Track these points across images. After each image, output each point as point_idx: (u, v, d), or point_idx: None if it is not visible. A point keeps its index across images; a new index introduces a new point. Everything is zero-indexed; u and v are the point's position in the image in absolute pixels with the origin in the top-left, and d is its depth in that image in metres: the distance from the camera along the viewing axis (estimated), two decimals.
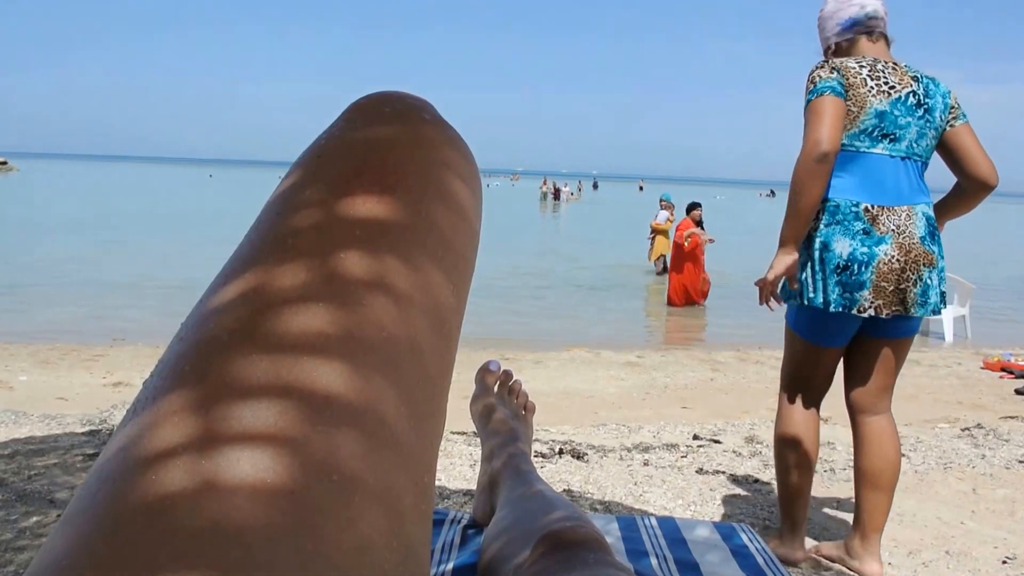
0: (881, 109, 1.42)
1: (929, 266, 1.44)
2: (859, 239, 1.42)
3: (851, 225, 1.43)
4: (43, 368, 3.81)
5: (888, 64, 1.46)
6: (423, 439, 0.22)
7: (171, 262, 8.33)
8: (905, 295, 1.43)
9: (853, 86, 1.42)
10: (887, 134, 1.43)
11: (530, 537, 0.53)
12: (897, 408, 1.86)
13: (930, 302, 1.45)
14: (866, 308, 1.43)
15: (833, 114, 1.39)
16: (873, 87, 1.42)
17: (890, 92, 1.43)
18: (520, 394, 0.90)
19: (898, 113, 1.43)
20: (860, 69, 1.43)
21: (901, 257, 1.42)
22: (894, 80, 1.44)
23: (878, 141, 1.43)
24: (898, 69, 1.46)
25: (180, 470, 0.17)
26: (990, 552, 1.69)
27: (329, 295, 0.22)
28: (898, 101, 1.43)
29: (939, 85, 1.48)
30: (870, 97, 1.42)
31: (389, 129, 0.27)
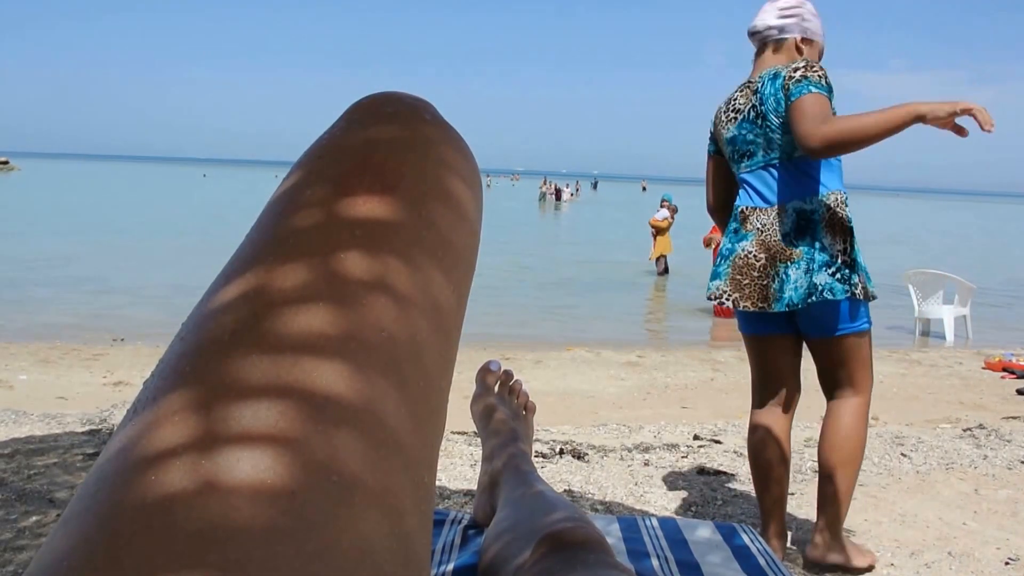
0: (730, 136, 1.58)
1: (786, 261, 1.49)
2: (730, 236, 1.59)
3: (731, 225, 1.60)
4: (43, 367, 3.81)
5: (744, 86, 1.58)
6: (423, 439, 0.22)
7: (171, 262, 8.34)
8: (767, 291, 1.51)
9: (717, 127, 1.63)
10: (743, 153, 1.56)
11: (531, 538, 0.53)
12: (898, 408, 1.85)
13: (784, 297, 1.48)
14: (718, 297, 1.56)
15: (707, 175, 1.67)
16: (724, 120, 1.59)
17: (736, 117, 1.56)
18: (520, 394, 0.90)
19: (745, 131, 1.55)
20: (723, 107, 1.61)
21: (761, 254, 1.51)
22: (741, 103, 1.56)
23: (740, 162, 1.58)
24: (747, 88, 1.56)
25: (180, 470, 0.17)
26: (992, 553, 1.69)
27: (329, 295, 0.22)
28: (744, 122, 1.55)
29: (776, 78, 1.49)
30: (721, 129, 1.61)
31: (389, 129, 0.27)
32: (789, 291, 1.47)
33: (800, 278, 1.46)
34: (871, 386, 1.55)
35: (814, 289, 1.45)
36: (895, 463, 2.35)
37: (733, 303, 1.53)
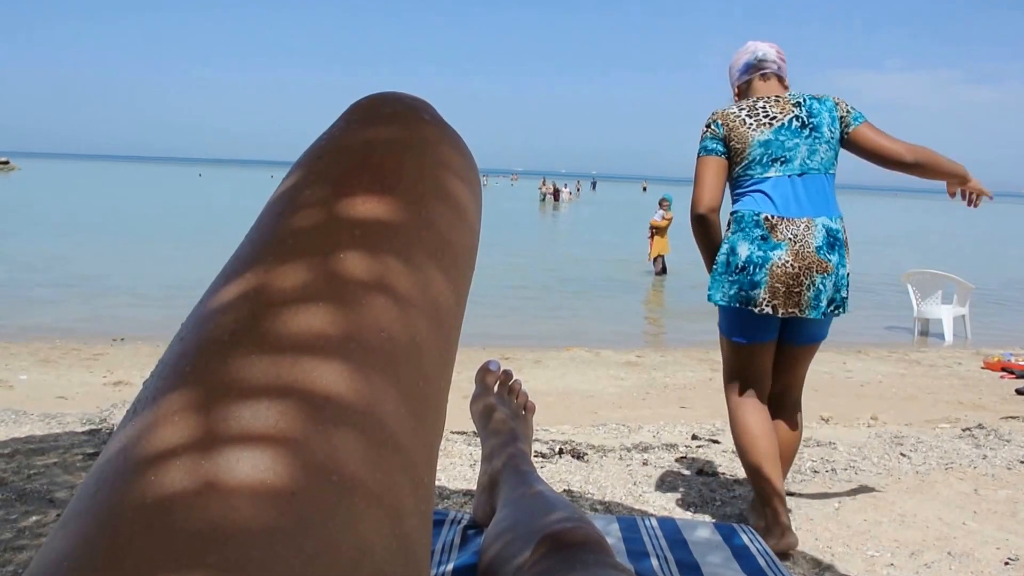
0: (764, 139, 1.63)
1: (823, 273, 1.60)
2: (757, 243, 1.61)
3: (751, 232, 1.62)
4: (43, 367, 3.81)
5: (771, 98, 1.68)
6: (423, 439, 0.22)
7: (171, 261, 8.34)
8: (799, 298, 1.60)
9: (734, 129, 1.65)
10: (776, 158, 1.63)
11: (530, 538, 0.53)
12: (897, 408, 1.86)
13: (821, 306, 1.61)
14: (761, 305, 1.61)
15: (709, 175, 1.65)
16: (753, 123, 1.64)
17: (771, 123, 1.64)
18: (520, 394, 0.90)
19: (783, 138, 1.63)
20: (740, 112, 1.66)
21: (796, 263, 1.59)
22: (775, 111, 1.65)
23: (769, 166, 1.63)
24: (781, 100, 1.67)
25: (180, 471, 0.17)
26: (992, 553, 1.69)
27: (329, 295, 0.22)
28: (782, 128, 1.63)
29: (824, 101, 1.67)
30: (751, 132, 1.63)
31: (389, 129, 0.27)
32: (824, 300, 1.61)
33: (831, 290, 1.62)
34: None
35: (840, 301, 1.64)
36: (894, 463, 2.35)
37: (772, 309, 1.60)
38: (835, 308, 1.63)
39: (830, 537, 1.76)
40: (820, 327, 1.67)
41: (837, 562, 1.61)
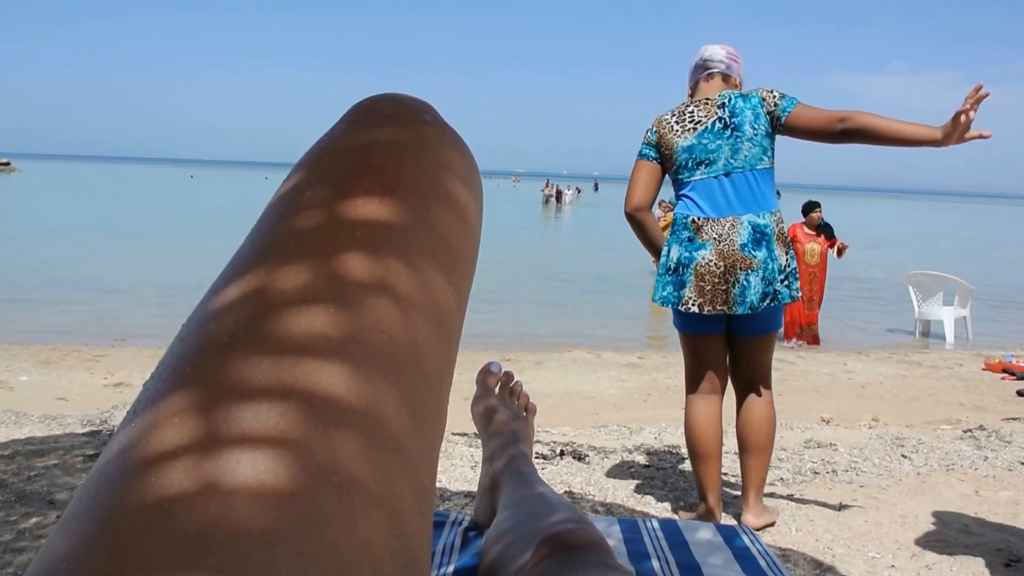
0: (687, 144, 1.72)
1: (747, 269, 1.67)
2: (684, 245, 1.71)
3: (680, 234, 1.73)
4: (44, 368, 3.81)
5: (701, 102, 1.74)
6: (424, 441, 0.22)
7: (172, 263, 8.34)
8: (727, 295, 1.69)
9: (664, 136, 1.76)
10: (701, 161, 1.71)
11: (531, 539, 0.53)
12: (898, 410, 1.86)
13: (748, 300, 1.68)
14: (687, 304, 1.71)
15: (639, 177, 1.77)
16: (679, 129, 1.74)
17: (695, 127, 1.72)
18: (521, 395, 0.90)
19: (706, 141, 1.71)
20: (670, 119, 1.76)
21: (720, 262, 1.68)
22: (701, 115, 1.73)
23: (695, 169, 1.72)
24: (709, 103, 1.74)
25: (181, 472, 0.17)
26: (994, 555, 1.68)
27: (330, 297, 0.22)
28: (705, 131, 1.71)
29: (749, 98, 1.72)
30: (676, 139, 1.73)
31: (390, 131, 0.27)
32: (751, 296, 1.67)
33: (758, 284, 1.67)
34: None
35: (771, 294, 1.68)
36: (895, 464, 2.35)
37: (699, 307, 1.69)
38: (770, 300, 1.67)
39: (831, 538, 1.76)
40: (764, 320, 1.73)
41: (838, 563, 1.61)
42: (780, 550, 1.66)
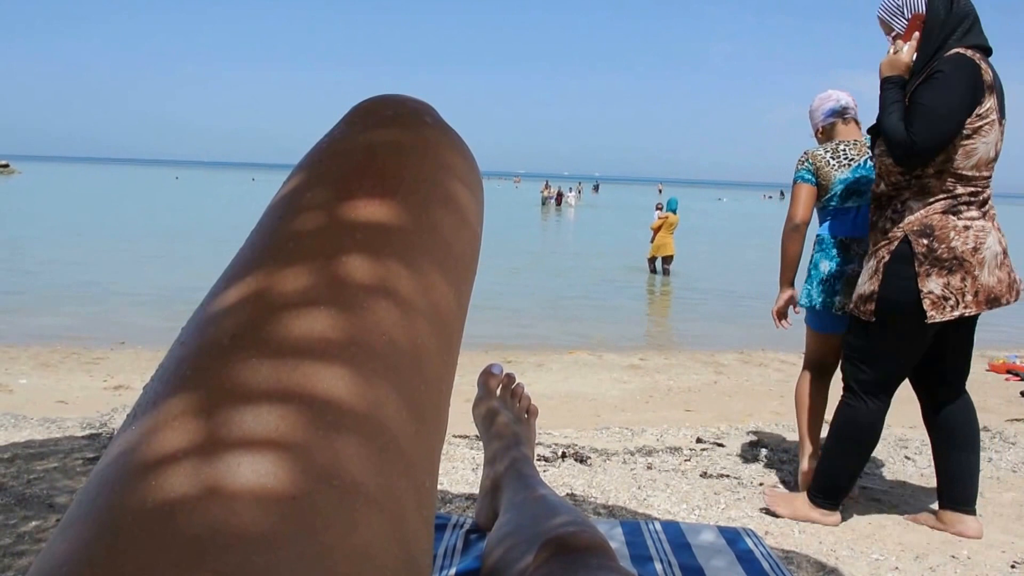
0: (843, 178, 2.05)
1: None
2: (835, 259, 2.06)
3: (830, 251, 2.07)
4: (43, 371, 3.82)
5: (851, 142, 2.07)
6: (425, 443, 0.22)
7: (172, 265, 8.36)
8: None
9: (820, 168, 2.06)
10: (853, 191, 2.04)
11: (533, 542, 0.53)
12: (901, 411, 1.86)
13: None
14: (839, 308, 2.03)
15: (802, 197, 2.06)
16: (835, 164, 2.05)
17: (850, 164, 2.05)
18: (522, 397, 0.89)
19: (859, 176, 2.03)
20: (824, 154, 2.07)
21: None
22: (853, 154, 2.06)
23: (847, 199, 2.05)
24: (858, 144, 2.07)
25: (181, 475, 0.17)
26: (998, 556, 1.68)
27: (331, 299, 0.22)
28: (859, 168, 2.04)
29: None
30: (833, 172, 2.05)
31: (390, 133, 0.27)
32: None
33: None
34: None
35: None
36: (899, 466, 2.34)
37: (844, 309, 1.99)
38: None
39: (834, 540, 1.75)
40: None
41: (841, 565, 1.60)
42: (783, 552, 1.66)
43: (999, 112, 1.65)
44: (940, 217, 1.65)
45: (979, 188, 1.68)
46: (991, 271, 1.67)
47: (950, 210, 1.66)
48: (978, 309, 1.67)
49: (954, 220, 1.65)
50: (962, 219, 1.66)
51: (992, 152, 1.67)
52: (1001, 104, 1.67)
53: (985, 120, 1.63)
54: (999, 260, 1.69)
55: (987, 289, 1.66)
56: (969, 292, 1.65)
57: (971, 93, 1.61)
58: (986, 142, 1.64)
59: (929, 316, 1.64)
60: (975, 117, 1.62)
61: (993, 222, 1.71)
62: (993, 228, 1.70)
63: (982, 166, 1.66)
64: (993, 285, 1.67)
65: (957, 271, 1.64)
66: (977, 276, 1.65)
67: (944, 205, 1.66)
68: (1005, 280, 1.69)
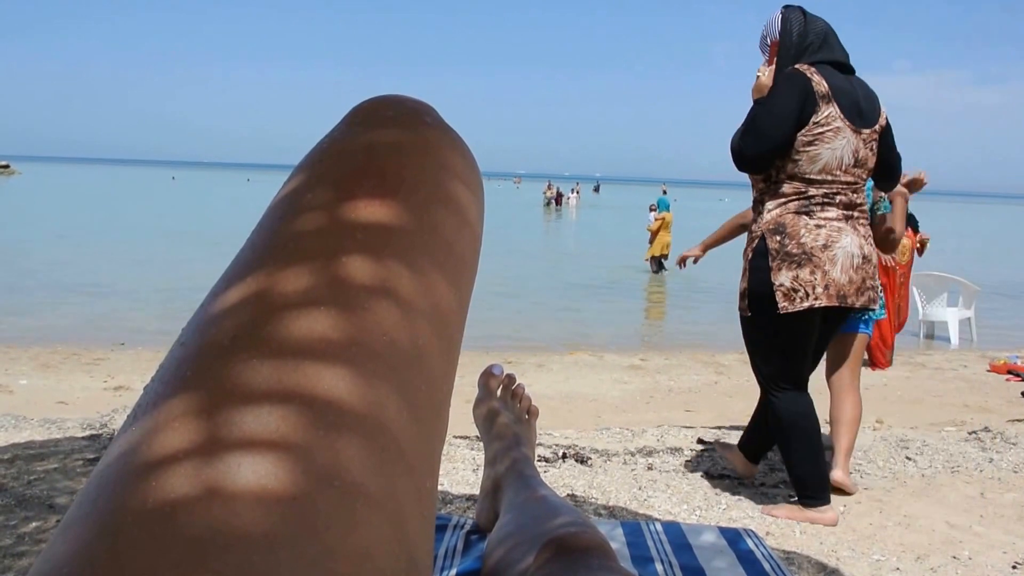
0: None
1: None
2: None
3: None
4: (44, 372, 3.82)
5: None
6: (426, 444, 0.22)
7: (172, 266, 8.36)
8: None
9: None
10: None
11: (534, 543, 0.53)
12: (903, 411, 1.85)
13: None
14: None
15: None
16: None
17: None
18: (523, 398, 0.89)
19: None
20: None
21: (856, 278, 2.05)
22: None
23: None
24: None
25: (181, 476, 0.17)
26: (999, 557, 1.68)
27: (332, 299, 0.22)
28: None
29: None
30: None
31: (391, 133, 0.27)
32: None
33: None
34: None
35: None
36: (900, 466, 2.34)
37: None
38: None
39: (835, 541, 1.75)
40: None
41: (842, 566, 1.60)
42: (784, 553, 1.66)
43: (847, 119, 1.75)
44: (792, 216, 1.75)
45: (834, 190, 1.76)
46: (844, 270, 1.74)
47: (802, 210, 1.75)
48: (828, 302, 1.73)
49: (806, 219, 1.75)
50: (815, 219, 1.75)
51: (845, 156, 1.75)
52: (853, 111, 1.76)
53: (826, 127, 1.72)
54: (856, 263, 1.76)
55: (838, 285, 1.74)
56: (819, 285, 1.73)
57: (798, 105, 1.72)
58: (831, 148, 1.73)
59: (781, 307, 1.73)
60: (812, 125, 1.72)
61: (858, 229, 1.79)
62: (855, 233, 1.78)
63: (832, 170, 1.74)
64: (844, 283, 1.75)
65: (806, 265, 1.73)
66: (828, 271, 1.73)
67: (797, 206, 1.76)
68: (857, 283, 1.76)
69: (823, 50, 1.80)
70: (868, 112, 1.79)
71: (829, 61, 1.79)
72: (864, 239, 1.79)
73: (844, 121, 1.74)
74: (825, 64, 1.78)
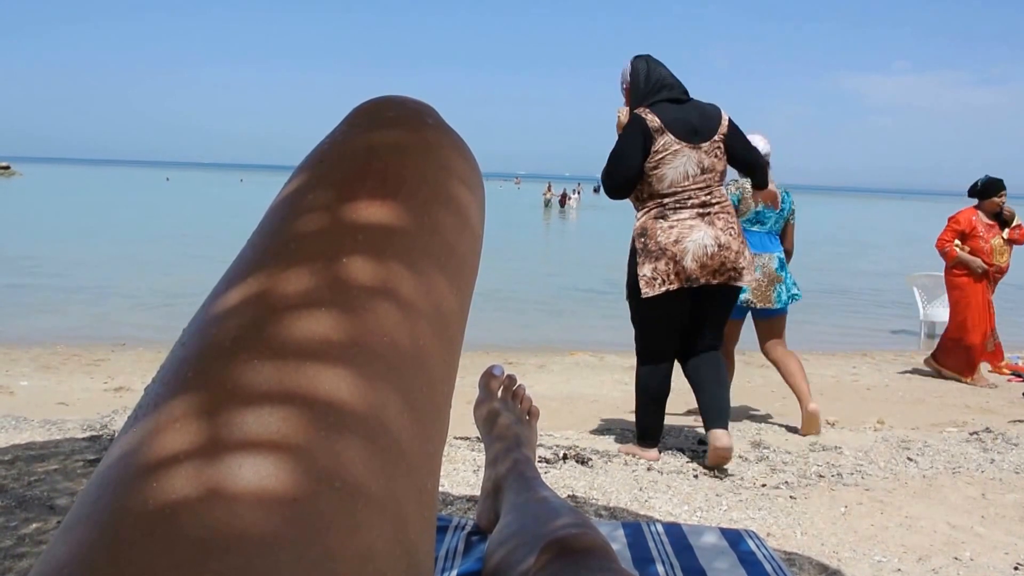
0: (756, 211, 2.87)
1: (779, 282, 2.90)
2: None
3: None
4: (44, 373, 3.82)
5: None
6: (426, 445, 0.22)
7: (172, 267, 8.36)
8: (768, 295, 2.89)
9: (745, 198, 2.83)
10: (756, 221, 2.89)
11: (535, 544, 0.53)
12: (904, 412, 1.85)
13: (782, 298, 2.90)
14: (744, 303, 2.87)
15: None
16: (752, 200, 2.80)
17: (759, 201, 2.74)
18: (524, 399, 0.89)
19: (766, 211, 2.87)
20: (751, 189, 2.59)
21: (765, 280, 2.86)
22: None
23: (753, 225, 2.89)
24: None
25: (182, 477, 0.17)
26: (1001, 558, 1.67)
27: (333, 300, 0.22)
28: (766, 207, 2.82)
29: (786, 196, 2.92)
30: (752, 205, 2.83)
31: (392, 134, 0.27)
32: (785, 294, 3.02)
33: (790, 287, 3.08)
34: None
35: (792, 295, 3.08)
36: (901, 467, 2.33)
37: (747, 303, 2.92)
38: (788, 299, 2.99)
39: (836, 542, 1.75)
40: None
41: (844, 567, 1.60)
42: (785, 554, 1.65)
43: (683, 141, 2.16)
44: (652, 221, 2.19)
45: (686, 196, 2.17)
46: (695, 258, 2.14)
47: (659, 216, 2.19)
48: (680, 284, 2.15)
49: (662, 223, 2.17)
50: (669, 221, 2.17)
51: (689, 169, 2.16)
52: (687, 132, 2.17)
53: (665, 152, 2.15)
54: (710, 252, 2.14)
55: (688, 271, 2.14)
56: (672, 273, 2.15)
57: (639, 142, 2.15)
58: (673, 167, 2.16)
59: (643, 292, 2.16)
60: (653, 154, 2.15)
61: (715, 223, 2.16)
62: (710, 227, 2.15)
63: (679, 183, 2.17)
64: (695, 269, 2.14)
65: (662, 258, 2.15)
66: (679, 261, 2.14)
67: (655, 213, 2.19)
68: (714, 266, 2.15)
69: (663, 91, 2.22)
70: (704, 129, 2.18)
71: (666, 99, 2.21)
72: (721, 231, 2.15)
73: (680, 143, 2.15)
74: (662, 102, 2.20)
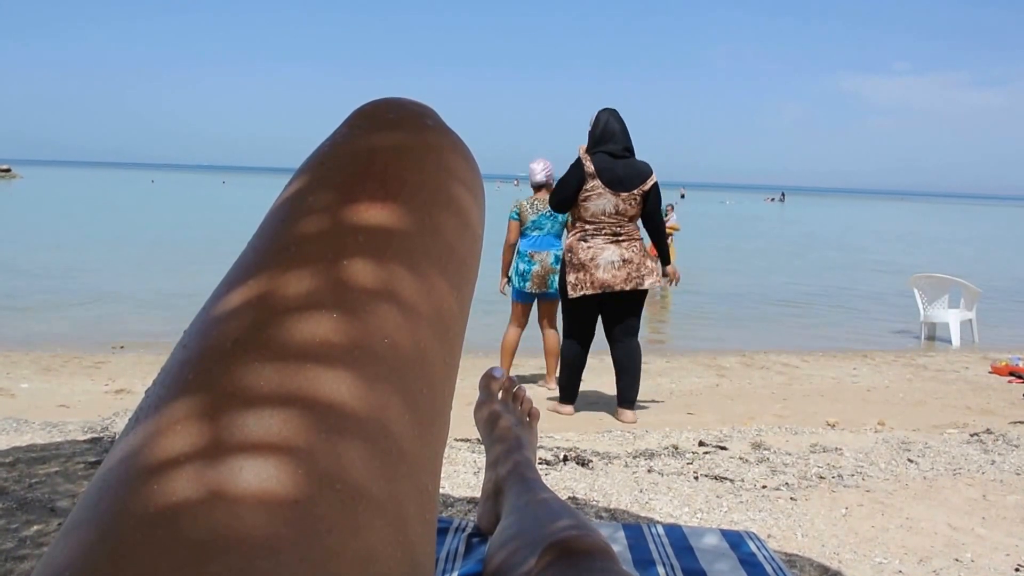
0: (534, 219, 3.63)
1: (553, 273, 3.56)
2: (527, 263, 3.63)
3: (524, 257, 3.64)
4: (45, 375, 3.82)
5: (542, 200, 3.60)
6: (427, 447, 0.22)
7: (172, 269, 8.37)
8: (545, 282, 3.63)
9: (523, 212, 3.65)
10: (537, 226, 3.64)
11: (536, 546, 0.53)
12: (905, 413, 1.86)
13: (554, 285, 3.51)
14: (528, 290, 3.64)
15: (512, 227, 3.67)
16: (531, 211, 3.64)
17: (538, 212, 3.62)
18: (524, 400, 0.89)
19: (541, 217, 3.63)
20: (527, 204, 3.67)
21: (542, 271, 3.60)
22: (540, 206, 3.62)
23: (534, 230, 3.64)
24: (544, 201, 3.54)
25: (183, 479, 0.17)
26: (1002, 559, 1.67)
27: (334, 302, 0.22)
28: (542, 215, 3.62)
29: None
30: (529, 215, 3.64)
31: (392, 135, 0.27)
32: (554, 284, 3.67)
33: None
34: None
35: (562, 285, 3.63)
36: (902, 469, 2.33)
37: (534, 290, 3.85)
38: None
39: (837, 544, 1.74)
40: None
41: (844, 569, 1.60)
42: (786, 555, 1.65)
43: (607, 187, 3.00)
44: (577, 242, 3.06)
45: (602, 226, 3.03)
46: (606, 270, 3.00)
47: (582, 238, 3.06)
48: (593, 291, 3.01)
49: (583, 244, 3.04)
50: (587, 243, 3.04)
51: (607, 207, 3.02)
52: (613, 181, 3.01)
53: (591, 192, 3.00)
54: (617, 265, 3.00)
55: (600, 280, 3.00)
56: (588, 282, 3.01)
57: (576, 179, 3.02)
58: (596, 203, 3.01)
59: (569, 295, 3.06)
60: (584, 191, 3.00)
61: (621, 244, 3.03)
62: (617, 247, 3.02)
63: (599, 215, 3.02)
64: (607, 279, 3.00)
65: (581, 270, 3.03)
66: (594, 273, 3.00)
67: (579, 235, 3.07)
68: (622, 276, 3.00)
69: (610, 143, 3.06)
70: (627, 181, 3.01)
71: (606, 151, 3.03)
72: (626, 249, 3.02)
73: (604, 188, 2.99)
74: (603, 152, 3.03)
